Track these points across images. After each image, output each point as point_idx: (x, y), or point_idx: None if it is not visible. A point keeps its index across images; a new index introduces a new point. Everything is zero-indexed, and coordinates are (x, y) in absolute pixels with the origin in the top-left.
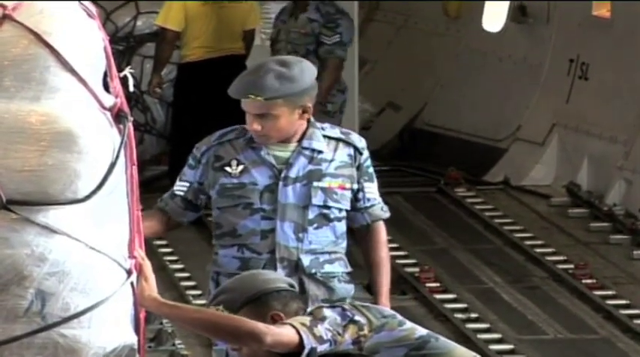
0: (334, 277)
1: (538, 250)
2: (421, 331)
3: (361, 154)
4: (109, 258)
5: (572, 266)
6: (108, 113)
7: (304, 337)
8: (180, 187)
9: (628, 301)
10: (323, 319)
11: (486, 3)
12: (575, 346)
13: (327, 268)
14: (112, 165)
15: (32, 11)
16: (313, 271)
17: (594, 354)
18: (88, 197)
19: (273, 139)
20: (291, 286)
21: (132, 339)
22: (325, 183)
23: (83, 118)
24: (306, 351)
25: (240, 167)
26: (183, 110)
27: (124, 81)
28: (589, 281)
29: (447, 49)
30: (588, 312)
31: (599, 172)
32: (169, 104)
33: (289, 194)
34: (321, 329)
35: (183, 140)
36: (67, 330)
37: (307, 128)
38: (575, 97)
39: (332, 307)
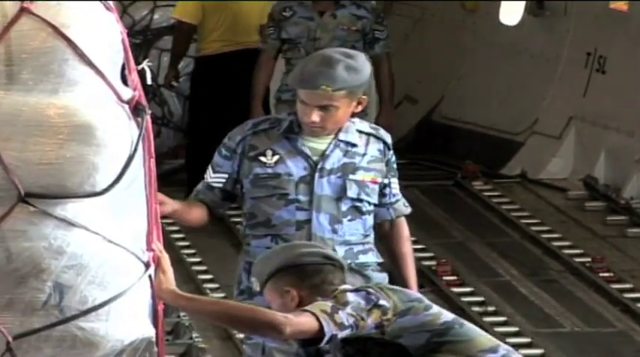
0: (368, 266)
1: (555, 243)
2: (447, 316)
3: (390, 149)
4: (126, 251)
5: (589, 259)
6: (126, 106)
7: (324, 324)
8: (217, 178)
9: None
10: (345, 304)
11: None
12: (592, 340)
13: (362, 258)
14: (130, 158)
15: (50, 4)
16: (348, 261)
17: (611, 347)
18: (106, 190)
19: (327, 130)
20: (330, 259)
21: (150, 332)
22: (359, 176)
23: (101, 111)
24: (326, 338)
25: (276, 157)
26: (200, 103)
27: (141, 74)
28: (606, 274)
29: (464, 43)
30: (605, 305)
31: (616, 165)
32: (186, 97)
33: (325, 186)
34: (343, 315)
35: (200, 133)
36: (85, 323)
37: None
38: (592, 91)
39: (357, 290)
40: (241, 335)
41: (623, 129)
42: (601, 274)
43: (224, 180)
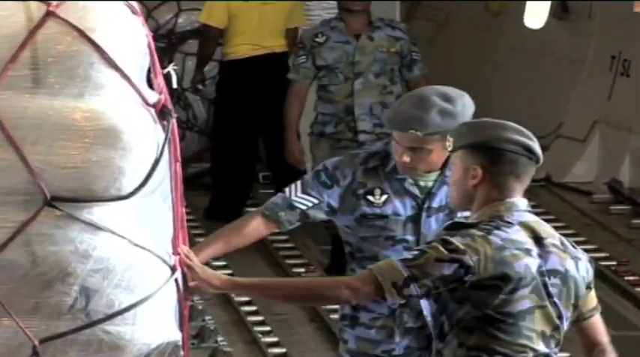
0: None
1: (580, 246)
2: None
3: None
4: (153, 254)
5: (614, 263)
6: (152, 110)
7: (388, 297)
8: (303, 200)
9: None
10: (425, 273)
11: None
12: (617, 343)
13: None
14: (156, 161)
15: (76, 8)
16: None
17: (637, 351)
18: (132, 194)
19: (419, 171)
20: (530, 151)
21: (176, 336)
22: (468, 212)
23: (127, 114)
24: (388, 303)
25: (384, 197)
26: (225, 107)
27: (167, 78)
28: (631, 278)
29: (488, 46)
30: (631, 309)
31: None
32: (211, 101)
33: (432, 225)
34: (413, 288)
35: (224, 137)
36: (111, 327)
37: (449, 156)
38: (616, 94)
39: (458, 252)
40: (267, 339)
41: None
42: (626, 278)
43: (311, 204)
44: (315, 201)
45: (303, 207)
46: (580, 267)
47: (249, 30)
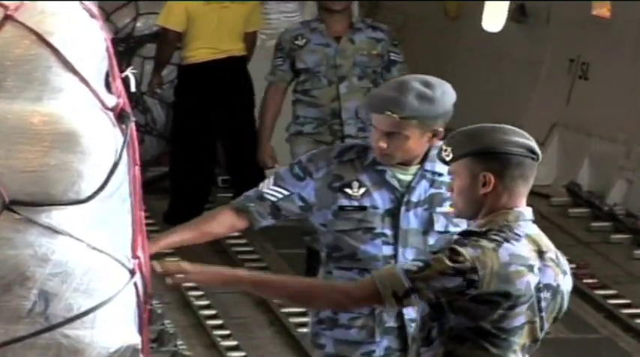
0: None
1: None
2: None
3: None
4: (111, 258)
5: (573, 266)
6: (110, 113)
7: (387, 304)
8: (274, 191)
9: (629, 301)
10: (428, 286)
11: (486, 3)
12: (576, 346)
13: None
14: (115, 165)
15: (34, 11)
16: None
17: (596, 353)
18: (90, 198)
19: (396, 159)
20: (533, 152)
21: (135, 339)
22: (446, 208)
23: (85, 118)
24: (384, 309)
25: (362, 189)
26: (184, 111)
27: (125, 82)
28: (590, 281)
29: (446, 49)
30: (590, 311)
31: (599, 171)
32: (169, 105)
33: (411, 219)
34: (413, 297)
35: (183, 141)
36: (71, 330)
37: (429, 150)
38: (575, 97)
39: (462, 272)
40: (226, 343)
41: (606, 135)
42: (585, 281)
43: (281, 196)
44: (286, 193)
45: (274, 198)
46: (567, 280)
47: (208, 34)
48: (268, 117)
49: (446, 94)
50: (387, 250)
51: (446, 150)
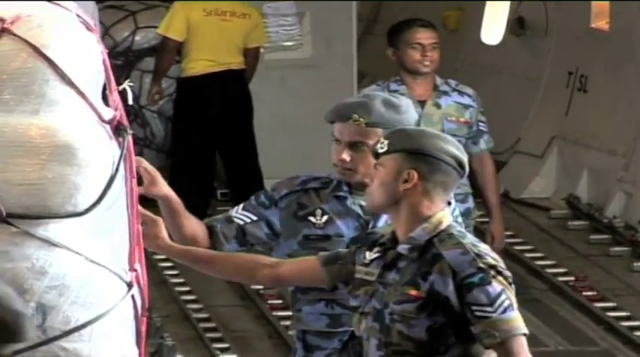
0: None
1: (538, 262)
2: None
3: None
4: (109, 271)
5: (572, 278)
6: (107, 126)
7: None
8: (242, 216)
9: (629, 313)
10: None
11: (485, 16)
12: None
13: None
14: (112, 178)
15: (31, 24)
16: None
17: None
18: (87, 210)
19: (357, 176)
20: (462, 166)
21: (133, 353)
22: None
23: (82, 131)
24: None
25: (325, 217)
26: (183, 124)
27: (123, 94)
28: (589, 293)
29: (445, 62)
30: (589, 324)
31: (598, 184)
32: (168, 118)
33: None
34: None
35: (182, 155)
36: (68, 343)
37: None
38: (574, 110)
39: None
40: (225, 356)
41: (605, 148)
42: (584, 293)
43: (249, 220)
44: (254, 218)
45: (241, 222)
46: None
47: (208, 45)
48: None
49: (410, 106)
50: None
51: (382, 142)
